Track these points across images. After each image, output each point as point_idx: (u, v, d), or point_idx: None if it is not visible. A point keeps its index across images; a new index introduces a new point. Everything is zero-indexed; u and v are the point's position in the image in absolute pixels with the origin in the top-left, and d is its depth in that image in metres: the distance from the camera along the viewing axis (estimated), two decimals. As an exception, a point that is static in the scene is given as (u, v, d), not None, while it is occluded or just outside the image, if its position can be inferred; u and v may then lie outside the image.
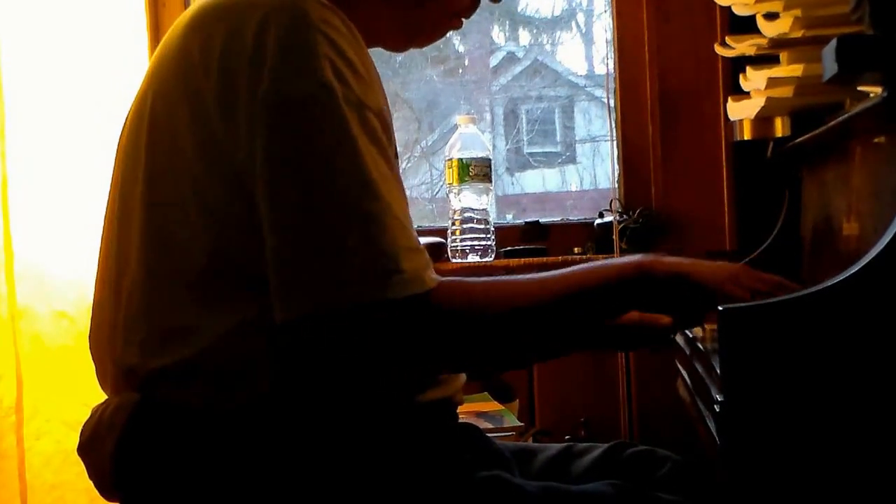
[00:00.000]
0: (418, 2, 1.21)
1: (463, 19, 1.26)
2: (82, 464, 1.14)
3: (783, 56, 1.49)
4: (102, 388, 1.17)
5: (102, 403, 1.14)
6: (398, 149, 1.13)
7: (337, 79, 1.00)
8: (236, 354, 1.03)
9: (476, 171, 2.12)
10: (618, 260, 1.15)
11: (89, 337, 1.19)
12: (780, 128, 1.59)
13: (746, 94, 1.61)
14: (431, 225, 2.35)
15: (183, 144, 1.05)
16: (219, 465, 1.04)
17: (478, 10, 1.27)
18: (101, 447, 1.09)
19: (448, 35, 1.35)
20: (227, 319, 1.03)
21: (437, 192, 2.76)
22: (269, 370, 1.03)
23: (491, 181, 2.16)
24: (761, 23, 1.50)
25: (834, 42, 1.04)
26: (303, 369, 1.03)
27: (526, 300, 1.08)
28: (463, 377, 1.23)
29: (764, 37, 1.49)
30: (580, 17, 2.94)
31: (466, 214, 2.13)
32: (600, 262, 1.15)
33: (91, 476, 1.13)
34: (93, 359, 1.18)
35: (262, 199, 1.00)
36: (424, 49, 1.42)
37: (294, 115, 0.99)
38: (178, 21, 1.12)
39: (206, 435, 1.04)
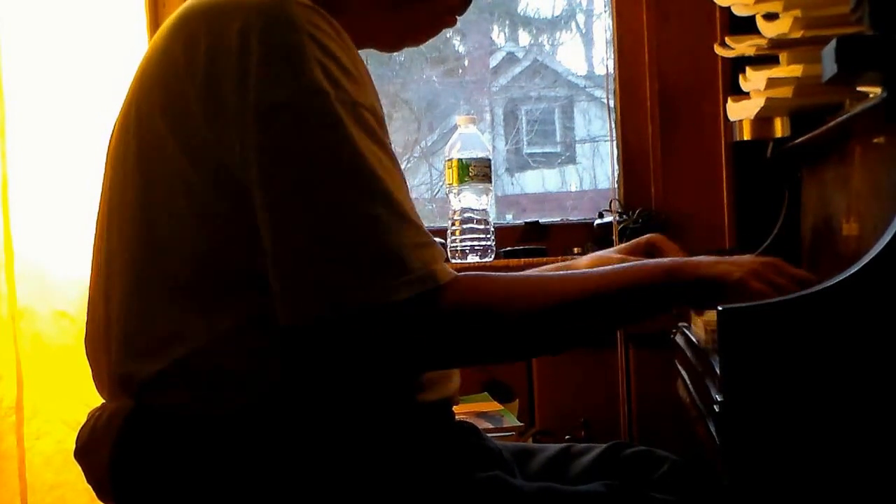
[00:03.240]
0: (408, 3, 1.19)
1: (457, 17, 1.23)
2: (81, 465, 1.15)
3: (783, 56, 1.49)
4: (99, 391, 1.16)
5: (98, 408, 1.14)
6: (398, 149, 1.13)
7: (328, 81, 0.99)
8: (229, 359, 1.03)
9: (476, 172, 2.12)
10: (647, 263, 1.12)
11: (85, 341, 1.19)
12: (779, 128, 1.59)
13: (746, 95, 1.61)
14: (431, 225, 2.35)
15: (171, 149, 1.04)
16: (215, 471, 1.04)
17: (478, 11, 1.25)
18: (97, 453, 1.09)
19: (448, 35, 1.34)
20: (217, 324, 1.03)
21: (437, 192, 2.76)
22: (263, 374, 1.03)
23: (491, 181, 2.15)
24: (761, 23, 1.50)
25: (834, 42, 1.04)
26: (308, 372, 1.03)
27: (549, 300, 1.06)
28: (459, 379, 1.23)
29: (764, 37, 1.49)
30: (580, 18, 2.94)
31: (466, 215, 2.13)
32: (628, 264, 1.12)
33: (89, 480, 1.13)
34: (89, 363, 1.18)
35: (260, 207, 0.99)
36: (424, 49, 1.41)
37: (287, 121, 0.99)
38: (164, 24, 1.11)
39: (202, 440, 1.04)
